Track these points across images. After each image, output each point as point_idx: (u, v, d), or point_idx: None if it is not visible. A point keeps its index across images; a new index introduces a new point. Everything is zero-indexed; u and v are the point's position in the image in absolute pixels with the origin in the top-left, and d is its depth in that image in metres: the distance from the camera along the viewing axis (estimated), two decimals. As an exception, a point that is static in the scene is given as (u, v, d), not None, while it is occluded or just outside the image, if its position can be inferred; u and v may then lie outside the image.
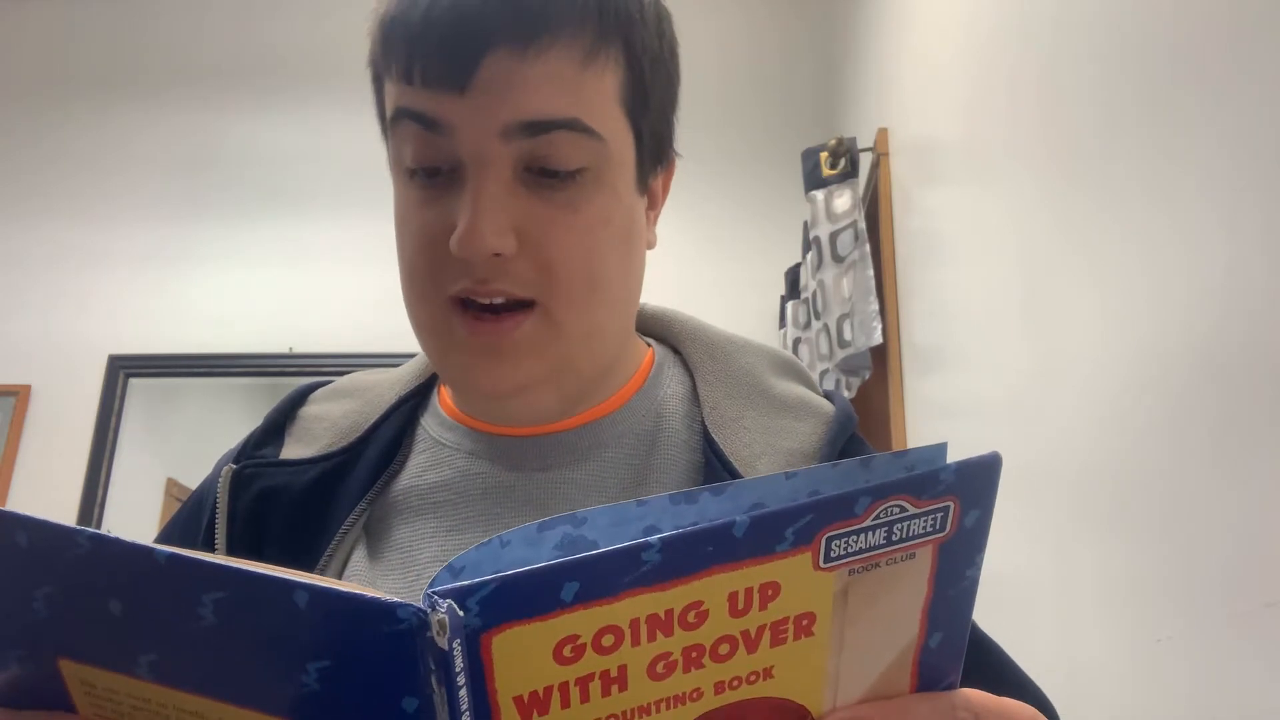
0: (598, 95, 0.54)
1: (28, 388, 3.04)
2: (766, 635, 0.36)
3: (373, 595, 0.31)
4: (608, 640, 0.33)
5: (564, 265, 0.54)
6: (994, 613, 1.29)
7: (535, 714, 0.33)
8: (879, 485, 0.35)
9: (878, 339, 2.09)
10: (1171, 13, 0.95)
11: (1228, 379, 0.83)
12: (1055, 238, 1.26)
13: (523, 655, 0.32)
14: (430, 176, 0.54)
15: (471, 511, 0.59)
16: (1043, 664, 1.21)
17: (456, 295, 0.54)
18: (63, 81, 3.35)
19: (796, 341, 2.51)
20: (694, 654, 0.35)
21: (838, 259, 2.22)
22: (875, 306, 2.10)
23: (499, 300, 0.54)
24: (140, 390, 3.09)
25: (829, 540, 0.35)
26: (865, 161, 2.39)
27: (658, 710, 0.35)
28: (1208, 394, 0.87)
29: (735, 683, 0.36)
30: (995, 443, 1.50)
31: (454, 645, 0.30)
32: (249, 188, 3.21)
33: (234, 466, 0.62)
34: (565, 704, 0.33)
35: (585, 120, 0.53)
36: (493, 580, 0.31)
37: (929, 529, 0.36)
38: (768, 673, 0.37)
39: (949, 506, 0.36)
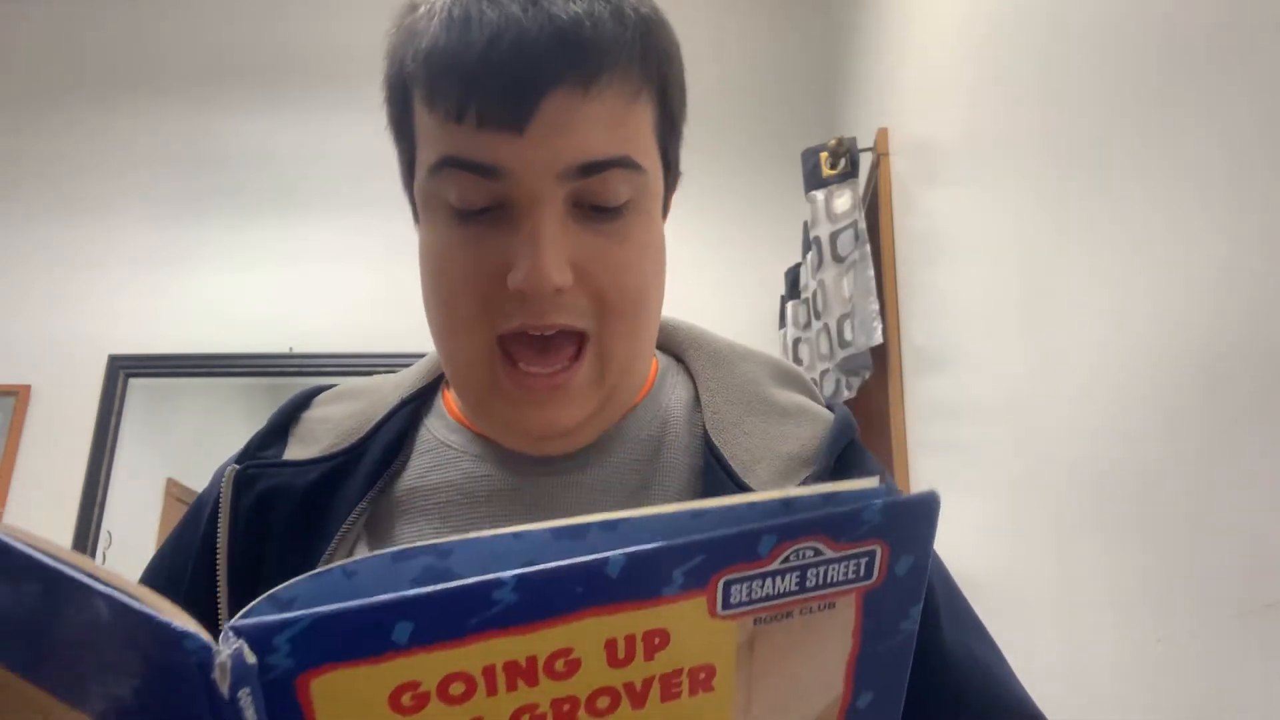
0: (641, 130, 0.55)
1: (28, 388, 3.04)
2: (655, 689, 0.32)
3: (162, 617, 0.27)
4: (457, 689, 0.29)
5: (615, 294, 0.55)
6: (994, 613, 1.29)
7: None
8: (787, 524, 0.31)
9: (878, 339, 2.08)
10: (1169, 12, 0.95)
11: (1227, 378, 0.83)
12: (1055, 237, 1.26)
13: (352, 702, 0.28)
14: (474, 213, 0.54)
15: (476, 514, 0.59)
16: (1043, 664, 1.21)
17: (511, 332, 0.54)
18: (63, 81, 3.35)
19: (797, 341, 2.51)
20: (566, 707, 0.31)
21: (838, 259, 2.22)
22: (876, 306, 2.10)
23: (550, 332, 0.54)
24: (140, 390, 3.09)
25: (728, 584, 0.31)
26: (865, 161, 2.39)
27: None
28: (1207, 393, 0.87)
29: None
30: (995, 443, 1.50)
31: (240, 694, 0.27)
32: (249, 188, 3.21)
33: (237, 466, 0.62)
34: None
35: (633, 156, 0.54)
36: (305, 616, 0.27)
37: (851, 576, 0.32)
38: None
39: (875, 551, 0.32)
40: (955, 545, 1.60)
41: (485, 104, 0.51)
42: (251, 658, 0.27)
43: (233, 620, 0.27)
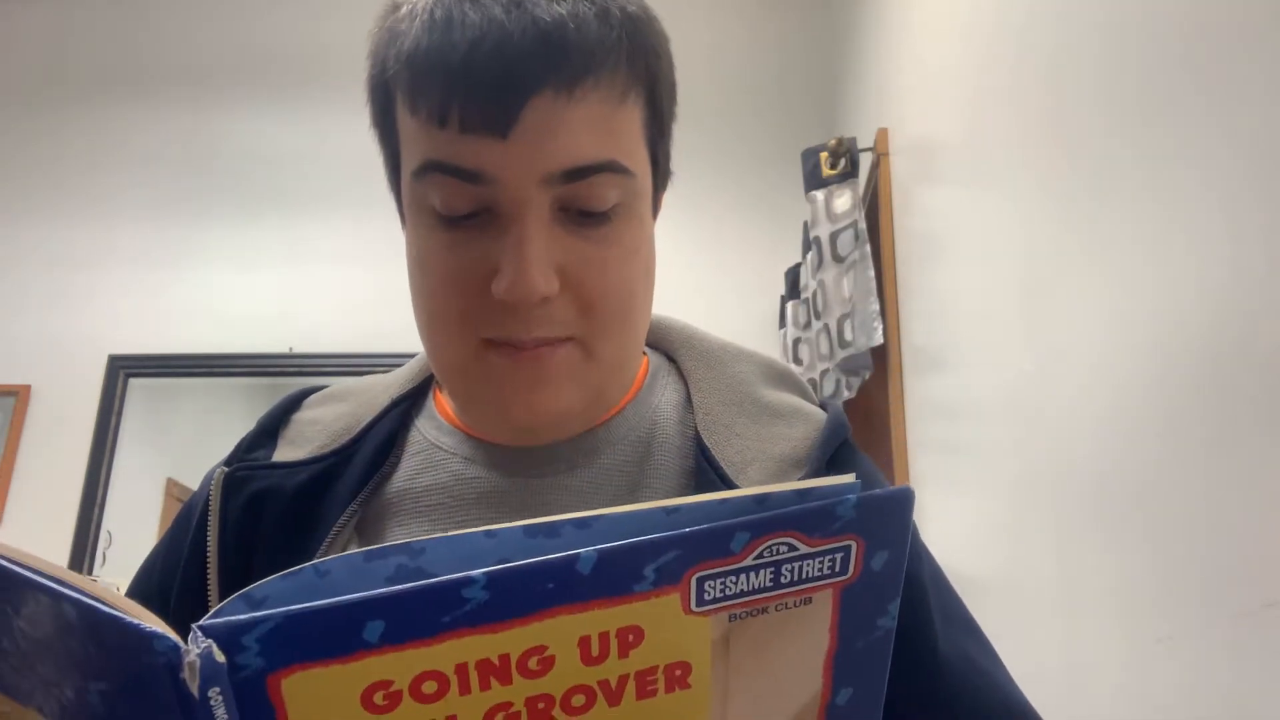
0: (628, 133, 0.54)
1: (28, 388, 3.04)
2: (631, 686, 0.32)
3: (130, 619, 0.27)
4: (429, 687, 0.29)
5: (602, 302, 0.54)
6: (994, 613, 1.30)
7: None
8: (759, 520, 0.31)
9: (879, 339, 2.08)
10: (1173, 11, 0.95)
11: (1228, 378, 0.83)
12: (1055, 237, 1.26)
13: (324, 701, 0.28)
14: (458, 218, 0.53)
15: (465, 516, 0.59)
16: (1043, 664, 1.21)
17: (495, 340, 0.53)
18: (62, 81, 3.35)
19: (797, 342, 2.51)
20: (540, 705, 0.31)
21: (838, 259, 2.22)
22: (876, 306, 2.10)
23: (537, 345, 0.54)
24: (140, 390, 3.09)
25: (700, 580, 0.31)
26: (865, 161, 2.39)
27: None
28: (1208, 393, 0.87)
29: None
30: (995, 443, 1.50)
31: (211, 694, 0.27)
32: (248, 188, 3.21)
33: (226, 469, 0.62)
34: None
35: (620, 160, 0.53)
36: (274, 615, 0.27)
37: (826, 571, 0.32)
38: None
39: (850, 546, 0.32)
40: (955, 545, 1.60)
41: (468, 108, 0.50)
42: (221, 657, 0.27)
43: (201, 620, 0.27)
